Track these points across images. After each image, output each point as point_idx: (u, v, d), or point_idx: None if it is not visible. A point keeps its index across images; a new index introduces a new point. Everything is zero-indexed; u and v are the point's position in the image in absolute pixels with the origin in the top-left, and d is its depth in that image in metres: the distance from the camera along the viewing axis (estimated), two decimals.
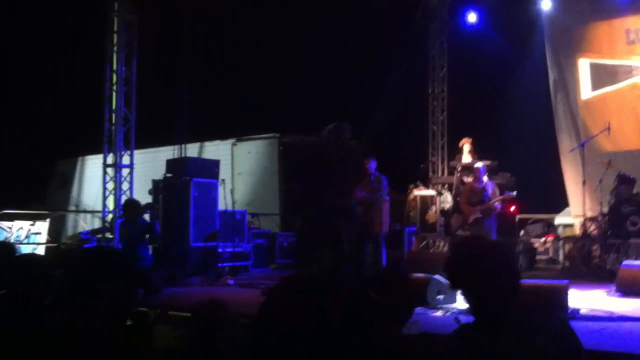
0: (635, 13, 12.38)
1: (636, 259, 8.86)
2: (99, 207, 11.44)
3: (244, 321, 6.81)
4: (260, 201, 14.00)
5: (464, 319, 3.05)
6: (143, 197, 10.95)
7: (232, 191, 11.29)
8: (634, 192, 10.31)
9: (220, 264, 10.68)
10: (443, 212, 12.25)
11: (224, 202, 11.03)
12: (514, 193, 10.17)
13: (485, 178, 10.21)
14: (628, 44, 12.53)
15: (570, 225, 11.81)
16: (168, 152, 14.24)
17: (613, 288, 7.94)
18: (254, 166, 14.61)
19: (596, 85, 12.86)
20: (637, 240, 9.65)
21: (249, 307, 7.13)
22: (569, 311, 6.39)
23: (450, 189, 12.41)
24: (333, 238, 3.17)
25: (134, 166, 11.57)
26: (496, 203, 9.99)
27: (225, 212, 11.03)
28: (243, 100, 15.78)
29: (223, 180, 11.23)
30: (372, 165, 10.10)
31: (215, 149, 14.82)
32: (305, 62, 15.55)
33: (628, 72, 12.47)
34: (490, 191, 10.02)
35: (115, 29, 11.69)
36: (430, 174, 13.70)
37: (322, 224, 3.30)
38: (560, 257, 11.15)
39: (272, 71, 15.51)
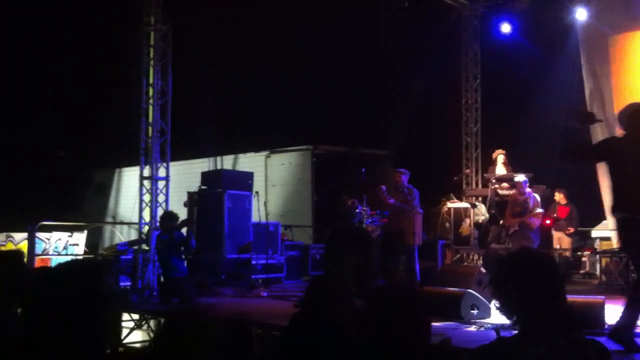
0: None
1: None
2: (136, 219, 11.56)
3: (276, 333, 6.89)
4: (294, 213, 14.07)
5: (503, 332, 3.04)
6: (178, 208, 11.07)
7: (265, 203, 11.36)
8: None
9: (253, 276, 10.75)
10: (477, 224, 12.16)
11: (257, 213, 11.12)
12: (539, 210, 10.04)
13: (528, 189, 10.14)
14: None
15: (607, 239, 11.61)
16: (203, 164, 14.42)
17: None
18: (287, 178, 14.69)
19: (635, 95, 12.65)
20: None
21: (280, 319, 7.21)
22: (605, 327, 6.31)
23: (484, 202, 12.31)
24: (359, 241, 3.22)
25: (170, 178, 11.70)
26: (532, 218, 9.89)
27: (258, 223, 11.11)
28: (277, 112, 15.91)
29: (257, 192, 11.31)
30: (404, 179, 10.10)
31: (249, 161, 14.93)
32: (339, 73, 15.62)
33: None
34: (532, 203, 9.95)
35: (152, 42, 11.87)
36: (464, 186, 13.62)
37: (350, 226, 3.38)
38: (597, 271, 10.97)
39: (306, 82, 15.60)
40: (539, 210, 9.97)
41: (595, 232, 12.08)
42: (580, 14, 12.86)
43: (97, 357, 2.15)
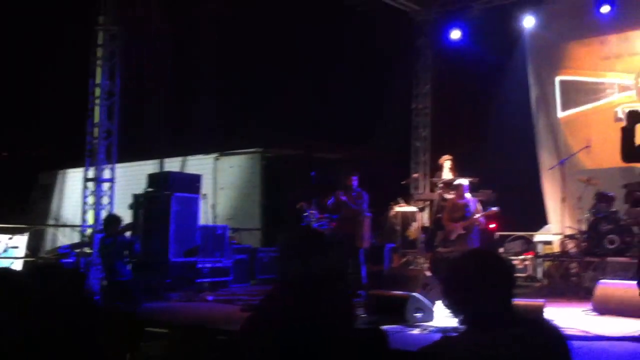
0: (615, 32, 12.53)
1: (613, 277, 8.90)
2: (79, 221, 11.33)
3: (221, 338, 6.81)
4: (242, 216, 13.98)
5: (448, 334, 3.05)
6: (124, 211, 10.89)
7: (213, 206, 11.27)
8: (612, 209, 10.36)
9: (199, 280, 10.63)
10: (424, 228, 12.27)
11: (205, 216, 11.00)
12: (496, 209, 10.19)
13: (468, 195, 10.25)
14: (607, 62, 12.68)
15: (550, 243, 11.84)
16: (150, 167, 14.20)
17: (590, 307, 7.98)
18: (236, 181, 14.59)
19: (577, 102, 12.99)
20: (614, 259, 9.68)
21: (226, 323, 7.15)
22: None
23: (432, 206, 12.43)
24: (321, 247, 3.19)
25: (115, 180, 11.51)
26: (480, 217, 10.02)
27: (206, 227, 11.01)
28: (227, 115, 15.78)
29: (205, 194, 11.21)
30: (355, 181, 10.16)
31: (197, 164, 14.77)
32: (289, 76, 15.59)
33: (607, 89, 12.61)
34: (472, 208, 10.06)
35: (100, 42, 11.66)
36: (413, 190, 13.73)
37: (310, 231, 3.31)
38: (539, 275, 11.17)
39: (256, 86, 15.54)
40: (479, 213, 10.10)
41: (538, 236, 12.32)
42: (528, 22, 13.11)
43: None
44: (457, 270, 2.55)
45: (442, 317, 7.12)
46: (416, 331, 6.87)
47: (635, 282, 8.04)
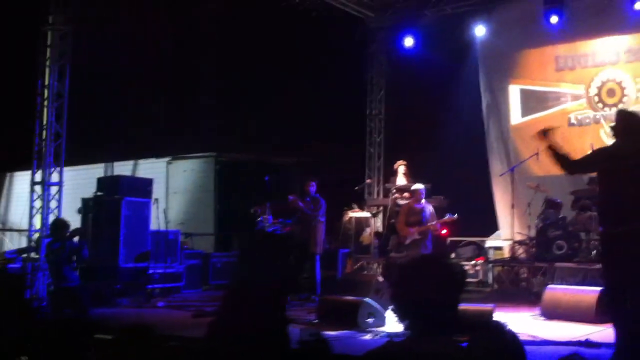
0: (564, 41, 12.83)
1: (561, 282, 9.08)
2: (26, 226, 11.04)
3: (173, 344, 6.71)
4: (195, 221, 13.81)
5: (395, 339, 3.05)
6: (72, 216, 10.67)
7: (165, 210, 11.11)
8: (560, 216, 10.58)
9: (150, 285, 10.46)
10: (377, 234, 12.32)
11: (156, 221, 10.85)
12: (455, 216, 10.24)
13: (423, 199, 10.33)
14: (557, 71, 12.96)
15: (500, 248, 12.03)
16: (100, 170, 13.95)
17: (538, 311, 8.12)
18: (189, 185, 14.42)
19: (527, 110, 13.23)
20: (562, 264, 9.88)
21: (177, 329, 7.04)
22: None
23: (385, 211, 12.49)
24: (282, 249, 3.15)
25: (64, 184, 11.27)
26: (437, 223, 10.08)
27: (157, 231, 10.85)
28: (180, 118, 15.61)
29: (156, 199, 11.05)
30: (313, 187, 10.18)
31: (149, 167, 14.55)
32: (243, 80, 15.51)
33: (557, 98, 12.89)
34: (428, 213, 10.13)
35: (49, 42, 11.41)
36: (366, 195, 13.78)
37: (271, 235, 3.28)
38: (490, 280, 11.33)
39: (210, 89, 15.41)
40: (433, 219, 10.19)
41: (489, 242, 12.50)
42: (479, 30, 13.31)
43: None
44: (405, 276, 2.55)
45: (395, 322, 7.16)
46: (368, 336, 6.90)
47: (581, 287, 8.28)
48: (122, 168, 14.29)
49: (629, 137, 5.39)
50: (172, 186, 14.54)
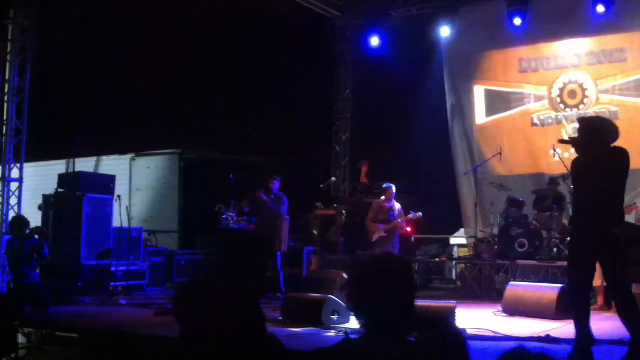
0: (528, 43, 13.03)
1: (523, 280, 9.21)
2: None
3: (135, 342, 6.62)
4: (159, 218, 13.68)
5: (352, 336, 3.06)
6: (33, 212, 10.48)
7: (128, 208, 10.97)
8: (522, 214, 10.74)
9: (113, 283, 10.32)
10: (343, 231, 12.35)
11: (119, 218, 10.71)
12: (420, 214, 10.34)
13: (393, 198, 10.39)
14: (521, 73, 13.16)
15: (464, 246, 12.17)
16: (61, 166, 13.67)
17: (500, 308, 8.23)
18: (153, 182, 14.26)
19: (490, 111, 13.41)
20: (524, 262, 10.04)
21: (139, 327, 6.96)
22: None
23: (351, 209, 12.53)
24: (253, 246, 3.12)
25: (25, 180, 11.10)
26: (403, 221, 10.16)
27: (120, 229, 10.71)
28: (144, 114, 15.43)
29: (119, 196, 10.90)
30: (276, 185, 10.16)
31: (113, 164, 14.36)
32: (210, 78, 15.40)
33: (520, 99, 13.09)
34: (397, 211, 10.21)
35: (10, 36, 11.21)
36: (333, 193, 13.80)
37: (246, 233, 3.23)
38: (454, 277, 11.46)
39: (175, 86, 15.27)
40: (400, 217, 10.26)
41: (454, 240, 12.64)
42: (444, 32, 13.43)
43: None
44: (360, 275, 2.55)
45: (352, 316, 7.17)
46: (332, 333, 6.89)
47: (542, 285, 8.42)
48: (85, 164, 14.04)
49: (588, 144, 5.53)
50: (136, 183, 14.37)
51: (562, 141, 5.89)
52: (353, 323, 7.31)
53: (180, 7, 14.01)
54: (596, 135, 5.44)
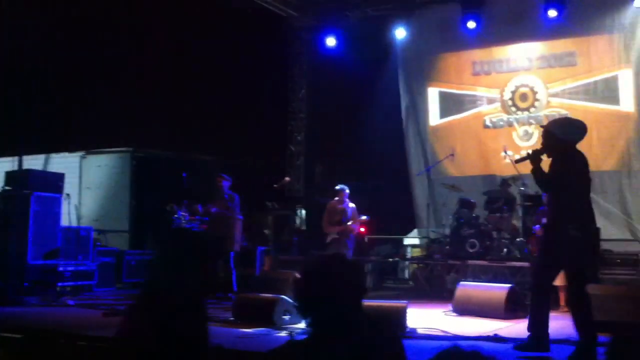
0: (481, 46, 13.21)
1: (474, 279, 9.33)
2: None
3: (81, 344, 6.47)
4: (110, 217, 13.40)
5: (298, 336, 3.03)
6: None
7: (77, 206, 10.74)
8: (474, 215, 10.88)
9: (60, 283, 10.08)
10: (297, 232, 12.33)
11: (68, 217, 10.48)
12: (365, 217, 10.38)
13: (346, 199, 10.39)
14: (473, 75, 13.33)
15: (417, 246, 12.27)
16: (7, 164, 13.27)
17: (451, 307, 8.31)
18: (104, 181, 13.97)
19: (444, 113, 13.55)
20: (474, 262, 10.17)
21: (86, 328, 6.81)
22: (407, 330, 6.61)
23: (305, 209, 12.52)
24: (201, 252, 3.06)
25: None
26: (353, 225, 10.17)
27: (68, 228, 10.47)
28: (95, 111, 15.13)
29: (68, 194, 10.66)
30: (225, 184, 10.06)
31: (62, 162, 14.00)
32: (164, 75, 15.19)
33: (473, 101, 13.27)
34: (350, 213, 10.21)
35: None
36: (287, 193, 13.76)
37: (192, 237, 3.13)
38: (407, 277, 11.54)
39: (128, 83, 15.02)
40: (355, 218, 10.28)
41: (407, 240, 12.73)
42: (400, 33, 13.53)
43: None
44: (308, 274, 2.53)
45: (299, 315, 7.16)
46: (283, 334, 6.85)
47: (491, 284, 8.53)
48: (33, 162, 13.62)
49: (552, 147, 5.71)
50: (86, 181, 14.05)
51: (517, 161, 6.04)
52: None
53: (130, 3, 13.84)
54: (552, 139, 5.64)
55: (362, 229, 11.01)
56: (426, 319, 7.63)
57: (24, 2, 12.63)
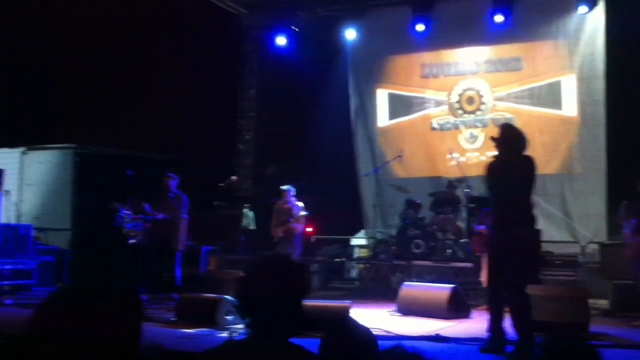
0: (429, 49, 13.36)
1: (418, 280, 9.39)
2: None
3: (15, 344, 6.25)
4: (51, 215, 13.04)
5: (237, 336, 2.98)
6: None
7: (17, 203, 10.43)
8: (419, 216, 10.98)
9: None
10: (244, 231, 12.23)
11: (7, 214, 10.15)
12: (307, 212, 10.37)
13: (292, 199, 10.36)
14: (422, 78, 13.47)
15: (364, 247, 12.31)
16: None
17: (395, 307, 8.34)
18: (45, 177, 13.58)
19: (393, 114, 13.65)
20: (419, 262, 10.24)
21: (22, 328, 6.60)
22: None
23: (253, 208, 12.43)
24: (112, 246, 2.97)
25: None
26: (295, 223, 10.14)
27: (7, 225, 10.16)
28: (37, 107, 14.73)
29: (7, 191, 10.33)
30: (172, 182, 9.89)
31: (2, 157, 13.54)
32: (109, 70, 14.90)
33: (422, 103, 13.40)
34: (295, 212, 10.17)
35: None
36: (235, 192, 13.63)
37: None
38: (354, 277, 11.56)
39: (73, 78, 14.67)
40: (302, 217, 10.25)
41: (354, 240, 12.77)
42: (350, 34, 13.56)
43: None
44: (249, 274, 2.50)
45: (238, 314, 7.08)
46: (225, 334, 6.77)
47: (434, 285, 8.61)
48: None
49: (507, 148, 5.79)
50: (27, 178, 13.64)
51: (493, 138, 6.14)
52: None
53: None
54: (516, 141, 5.79)
55: (310, 229, 11.00)
56: (370, 318, 7.62)
57: None
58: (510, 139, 5.84)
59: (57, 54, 14.66)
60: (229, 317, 7.26)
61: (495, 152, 5.92)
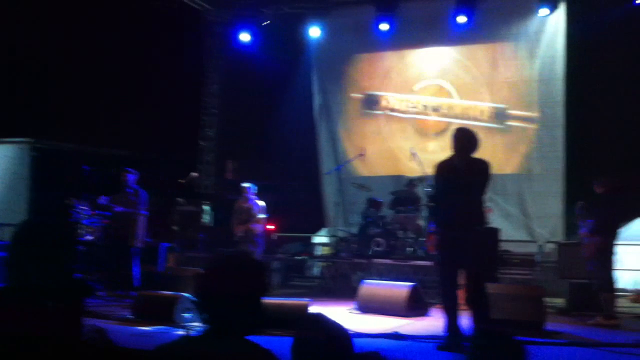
0: (394, 49, 13.40)
1: (379, 278, 9.40)
2: None
3: None
4: (6, 210, 12.74)
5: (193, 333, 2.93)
6: None
7: None
8: (380, 214, 11.00)
9: None
10: (204, 228, 12.12)
11: None
12: (265, 215, 10.32)
13: (252, 196, 10.27)
14: (385, 77, 13.50)
15: (326, 245, 12.30)
16: None
17: (355, 305, 8.34)
18: (1, 172, 13.29)
19: (356, 113, 13.66)
20: (380, 261, 10.26)
21: None
22: None
23: (214, 206, 12.33)
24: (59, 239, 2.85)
25: None
26: (254, 224, 10.07)
27: None
28: None
29: None
30: (130, 178, 9.71)
31: None
32: (69, 65, 14.63)
33: (384, 103, 13.43)
34: (256, 210, 10.10)
35: None
36: (195, 189, 13.51)
37: (46, 223, 2.88)
38: (314, 275, 11.54)
39: (32, 72, 14.37)
40: (262, 216, 10.18)
41: (316, 238, 12.75)
42: (314, 32, 13.51)
43: None
44: (208, 271, 2.47)
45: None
46: (182, 331, 6.68)
47: (394, 283, 8.63)
48: None
49: (462, 152, 5.86)
50: None
51: (457, 128, 6.20)
52: None
53: None
54: (469, 142, 5.86)
55: (271, 227, 10.94)
56: (329, 316, 7.61)
57: None
58: (462, 140, 5.91)
59: (12, 47, 14.33)
60: (186, 315, 7.18)
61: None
